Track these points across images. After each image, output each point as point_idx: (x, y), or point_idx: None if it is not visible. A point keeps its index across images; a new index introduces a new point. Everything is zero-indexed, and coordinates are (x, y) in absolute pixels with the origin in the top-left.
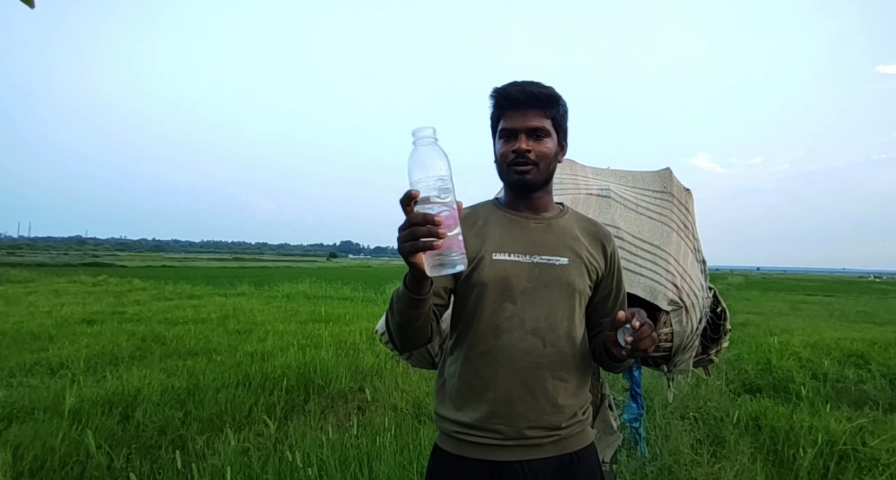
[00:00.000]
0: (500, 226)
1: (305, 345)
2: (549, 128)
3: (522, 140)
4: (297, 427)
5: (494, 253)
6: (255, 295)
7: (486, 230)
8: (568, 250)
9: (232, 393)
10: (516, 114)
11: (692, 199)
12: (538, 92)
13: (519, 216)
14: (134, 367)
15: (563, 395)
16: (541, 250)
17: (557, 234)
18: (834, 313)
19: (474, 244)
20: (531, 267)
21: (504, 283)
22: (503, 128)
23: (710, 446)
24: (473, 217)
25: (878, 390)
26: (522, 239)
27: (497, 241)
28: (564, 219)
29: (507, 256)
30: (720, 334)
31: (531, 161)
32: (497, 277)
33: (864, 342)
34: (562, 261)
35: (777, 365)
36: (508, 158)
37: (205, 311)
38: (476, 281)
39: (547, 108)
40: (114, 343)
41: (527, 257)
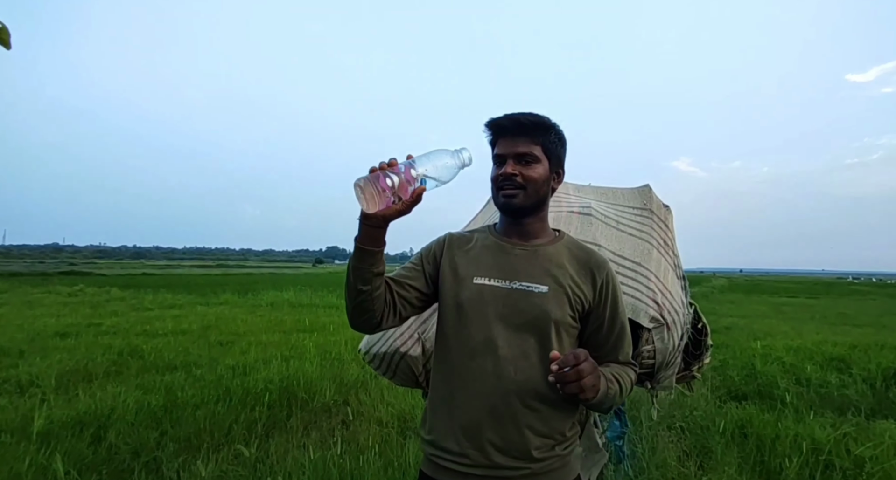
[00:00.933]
0: (486, 251)
1: (289, 357)
2: (537, 154)
3: (510, 164)
4: (278, 446)
5: (475, 276)
6: (239, 303)
7: (474, 253)
8: (549, 278)
9: (211, 410)
10: (506, 141)
11: (671, 216)
12: (525, 120)
13: (507, 242)
14: (108, 384)
15: (532, 423)
16: (521, 276)
17: (541, 261)
18: (815, 316)
19: (461, 265)
20: (509, 292)
21: (481, 307)
22: (496, 154)
23: (696, 457)
24: (468, 241)
25: (860, 395)
26: (504, 264)
27: (480, 265)
28: (554, 247)
29: (487, 280)
30: (701, 350)
31: (518, 184)
32: (474, 300)
33: (844, 345)
34: (541, 289)
35: (761, 371)
36: (497, 182)
37: (185, 322)
38: (455, 302)
39: (536, 135)
40: (88, 357)
41: (506, 283)
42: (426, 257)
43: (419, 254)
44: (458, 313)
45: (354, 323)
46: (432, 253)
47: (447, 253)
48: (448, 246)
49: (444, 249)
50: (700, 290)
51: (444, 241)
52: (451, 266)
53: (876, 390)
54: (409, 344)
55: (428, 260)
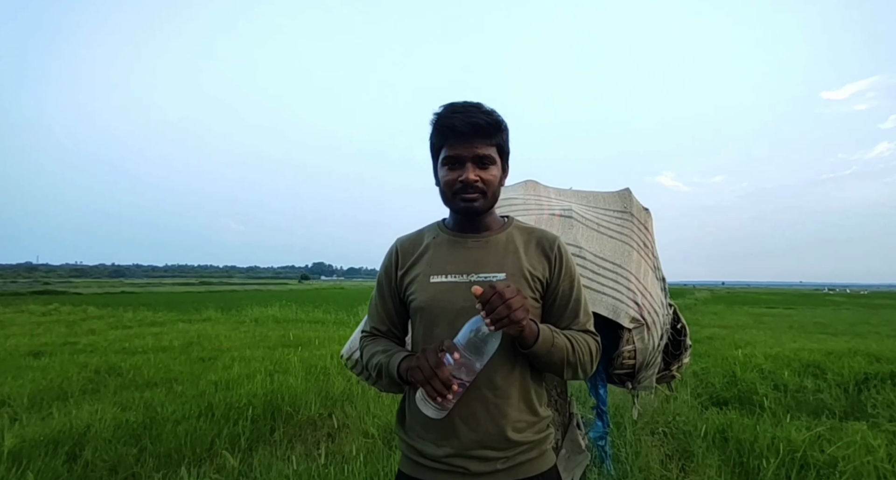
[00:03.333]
0: (439, 249)
1: (273, 371)
2: (494, 155)
3: (469, 169)
4: (262, 459)
5: (432, 276)
6: (222, 320)
7: (426, 254)
8: (506, 265)
9: (193, 426)
10: (461, 144)
11: (651, 219)
12: (484, 122)
13: (459, 236)
14: (85, 402)
15: (504, 409)
16: (477, 268)
17: (495, 249)
18: (794, 325)
19: (415, 269)
20: (468, 286)
21: (441, 305)
22: (448, 156)
23: (678, 460)
24: (417, 242)
25: (834, 399)
26: (459, 259)
27: (435, 264)
28: (504, 233)
29: (444, 278)
30: (681, 350)
31: (479, 189)
32: (434, 300)
33: (820, 352)
34: (498, 277)
35: (742, 378)
36: (454, 187)
37: (166, 339)
38: (417, 306)
39: (492, 136)
40: (63, 376)
41: (463, 277)
42: (385, 283)
43: (379, 283)
44: (422, 315)
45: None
46: (389, 275)
47: (401, 262)
48: (399, 256)
49: (398, 261)
50: (684, 302)
51: (394, 253)
52: (407, 273)
53: (849, 394)
54: None
55: (389, 285)
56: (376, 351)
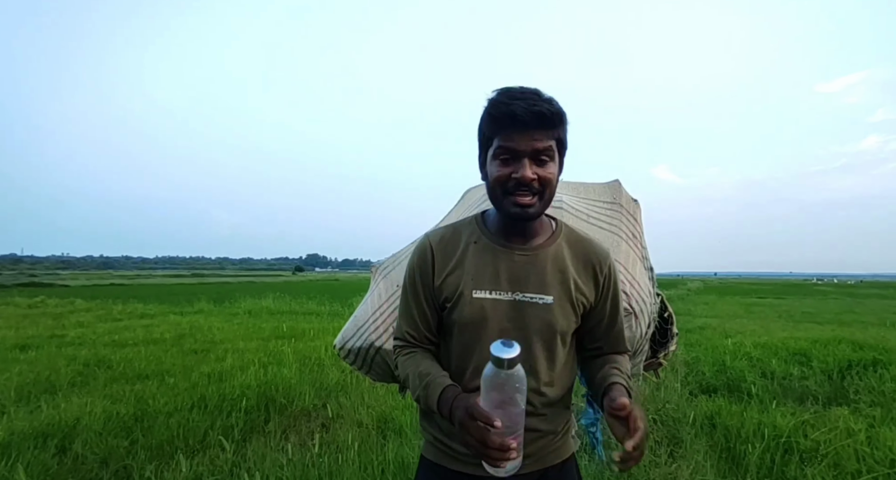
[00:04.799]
0: (481, 258)
1: (267, 363)
2: (554, 149)
3: (527, 166)
4: (256, 449)
5: (475, 289)
6: (215, 312)
7: (466, 261)
8: (555, 286)
9: (185, 417)
10: (520, 135)
11: (639, 210)
12: (547, 111)
13: (505, 245)
14: (74, 395)
15: (537, 426)
16: (524, 287)
17: (545, 266)
18: (782, 314)
19: (454, 278)
20: (512, 305)
21: (482, 323)
22: (502, 147)
23: (667, 446)
24: (454, 242)
25: (819, 385)
26: (505, 273)
27: (477, 276)
28: (555, 246)
29: (487, 293)
30: (668, 338)
31: (536, 190)
32: (475, 317)
33: (807, 340)
34: (546, 300)
35: (731, 366)
36: (507, 185)
37: (157, 331)
38: (455, 320)
39: (555, 128)
40: (51, 369)
41: (508, 294)
42: (421, 285)
43: (413, 284)
44: (461, 331)
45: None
46: (425, 277)
47: (438, 266)
48: (436, 258)
49: (434, 263)
50: (676, 293)
51: (428, 254)
52: (446, 281)
53: (832, 380)
54: (384, 337)
55: (425, 288)
56: (413, 373)
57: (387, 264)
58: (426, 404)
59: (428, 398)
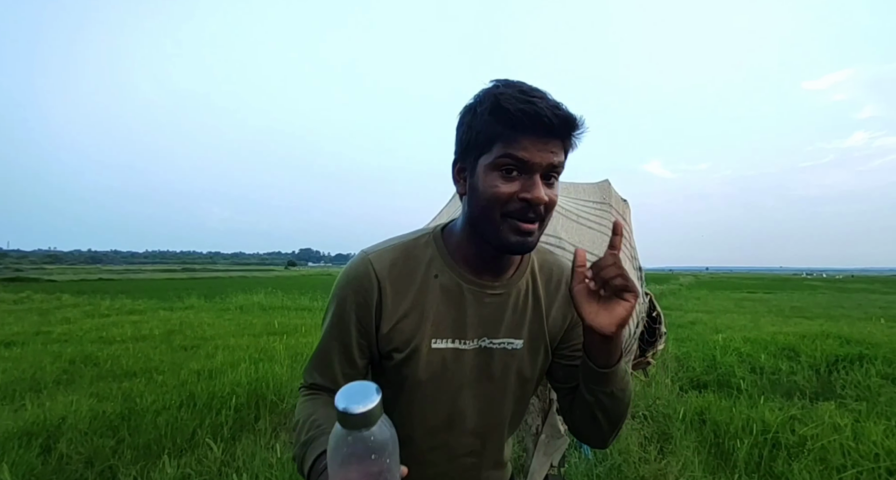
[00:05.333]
0: (445, 299)
1: (258, 360)
2: (563, 164)
3: (539, 185)
4: (245, 448)
5: (434, 339)
6: (205, 308)
7: (425, 302)
8: (526, 327)
9: (173, 416)
10: (536, 143)
11: (629, 210)
12: (573, 116)
13: (474, 282)
14: (59, 393)
15: (494, 476)
16: (493, 333)
17: (517, 306)
18: (772, 309)
19: (408, 323)
20: (477, 353)
21: (443, 378)
22: (511, 156)
23: (657, 443)
24: (408, 274)
25: (806, 380)
26: (473, 319)
27: (439, 324)
28: (527, 275)
29: (449, 343)
30: (656, 337)
31: (541, 215)
32: (435, 371)
33: (795, 335)
34: (515, 345)
35: (721, 361)
36: (510, 205)
37: (146, 327)
38: (409, 375)
39: (569, 139)
40: (36, 367)
41: (473, 342)
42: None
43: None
44: (415, 388)
45: None
46: (363, 318)
47: (388, 306)
48: (385, 296)
49: (381, 302)
50: (668, 288)
51: (373, 288)
52: (397, 327)
53: (820, 375)
54: None
55: (359, 333)
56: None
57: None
58: (301, 467)
59: (304, 460)
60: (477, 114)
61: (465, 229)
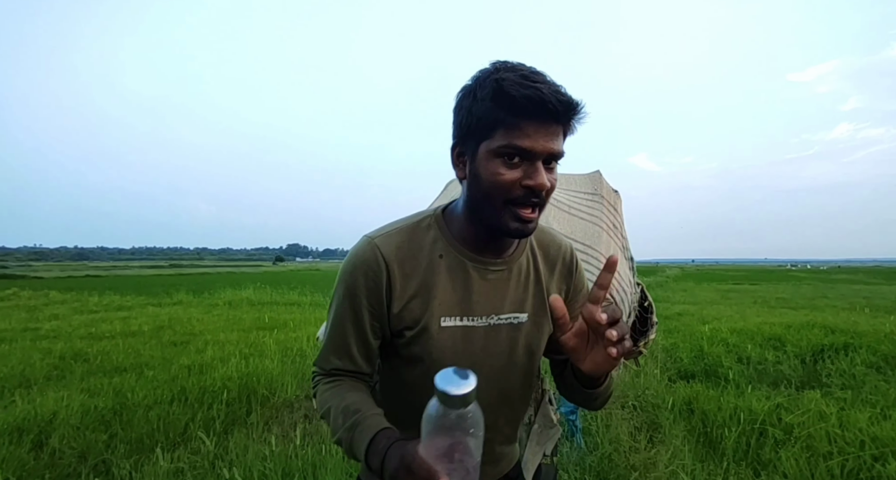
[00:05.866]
0: (450, 278)
1: (248, 355)
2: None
3: (542, 172)
4: (238, 441)
5: (443, 317)
6: (194, 303)
7: (432, 281)
8: (529, 301)
9: (165, 410)
10: (539, 129)
11: (620, 201)
12: (575, 101)
13: (478, 261)
14: (49, 389)
15: (506, 451)
16: (499, 309)
17: (519, 280)
18: (758, 300)
19: (417, 303)
20: (487, 330)
21: (454, 355)
22: (514, 145)
23: (647, 432)
24: (413, 255)
25: (792, 369)
26: (479, 296)
27: (446, 301)
28: (525, 254)
29: (459, 321)
30: (648, 327)
31: (543, 202)
32: (445, 349)
33: (781, 326)
34: (521, 318)
35: (708, 352)
36: (513, 192)
37: (135, 323)
38: (419, 356)
39: (568, 123)
40: (25, 363)
41: (482, 319)
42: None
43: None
44: (425, 368)
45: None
46: (374, 300)
47: (397, 287)
48: (393, 277)
49: (391, 284)
50: (655, 280)
51: (381, 270)
52: (408, 306)
53: (806, 364)
54: None
55: (371, 314)
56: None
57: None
58: (351, 451)
59: (354, 443)
60: (477, 98)
61: (465, 212)
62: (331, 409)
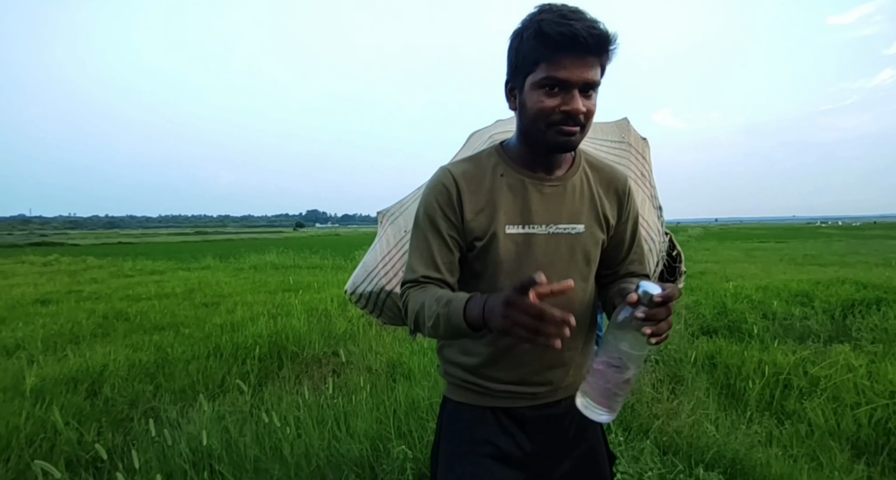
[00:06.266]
0: (511, 192)
1: (276, 314)
2: (600, 80)
3: (578, 99)
4: (272, 393)
5: (508, 226)
6: (221, 267)
7: (496, 196)
8: (585, 214)
9: (203, 364)
10: (575, 62)
11: (648, 148)
12: (606, 34)
13: (533, 178)
14: (97, 345)
15: (572, 358)
16: (557, 218)
17: (574, 195)
18: (784, 258)
19: (485, 215)
20: (547, 239)
21: (519, 260)
22: (552, 77)
23: (669, 384)
24: (479, 176)
25: (820, 324)
26: (538, 207)
27: (510, 211)
28: (579, 175)
29: (521, 229)
30: (676, 276)
31: (581, 123)
32: (511, 254)
33: (809, 282)
34: (578, 229)
35: (732, 308)
36: (553, 117)
37: (168, 286)
38: (490, 259)
39: (604, 54)
40: (73, 321)
41: (543, 228)
42: (445, 221)
43: (432, 221)
44: (495, 270)
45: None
46: (450, 213)
47: (466, 200)
48: (463, 194)
49: (461, 198)
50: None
51: (453, 189)
52: (477, 218)
53: (834, 319)
54: (395, 282)
55: (450, 225)
56: (430, 300)
57: (393, 210)
58: (449, 321)
59: (451, 313)
60: (523, 39)
61: (519, 139)
62: (423, 304)
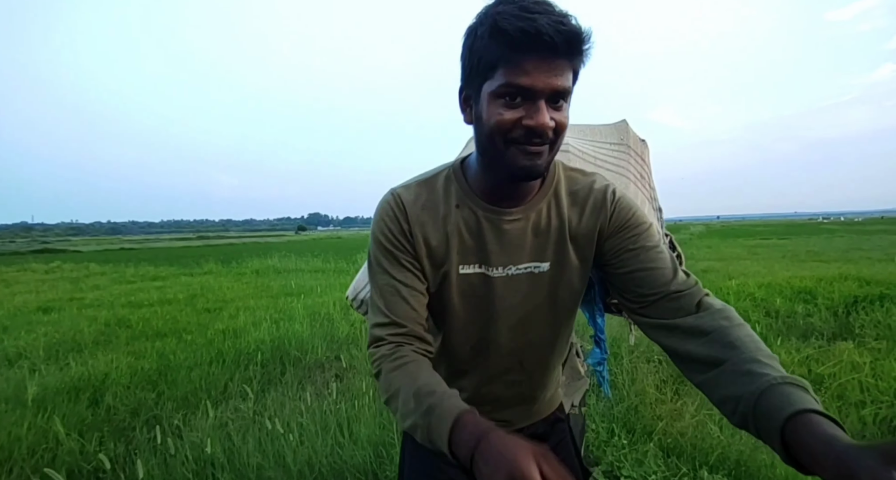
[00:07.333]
0: (466, 228)
1: (279, 319)
2: (571, 87)
3: (544, 110)
4: (275, 399)
5: (461, 265)
6: (223, 272)
7: (450, 231)
8: (551, 249)
9: (206, 371)
10: (539, 65)
11: (647, 150)
12: (577, 32)
13: (490, 211)
14: (99, 353)
15: (539, 394)
16: (517, 259)
17: (538, 229)
18: (786, 254)
19: (437, 253)
20: (506, 280)
21: (475, 303)
22: (512, 84)
23: (672, 385)
24: (432, 205)
25: (823, 322)
26: (494, 246)
27: (463, 251)
28: (546, 200)
29: (476, 268)
30: None
31: (549, 139)
32: (466, 296)
33: (812, 279)
34: (542, 267)
35: (734, 306)
36: (514, 133)
37: (170, 292)
38: (444, 300)
39: (577, 57)
40: (74, 329)
41: (500, 270)
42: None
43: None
44: (449, 312)
45: None
46: (405, 245)
47: (416, 231)
48: (413, 226)
49: (411, 228)
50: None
51: (401, 215)
52: (428, 250)
53: (838, 316)
54: None
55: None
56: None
57: None
58: (429, 437)
59: (431, 430)
60: (477, 36)
61: (478, 159)
62: (399, 391)
